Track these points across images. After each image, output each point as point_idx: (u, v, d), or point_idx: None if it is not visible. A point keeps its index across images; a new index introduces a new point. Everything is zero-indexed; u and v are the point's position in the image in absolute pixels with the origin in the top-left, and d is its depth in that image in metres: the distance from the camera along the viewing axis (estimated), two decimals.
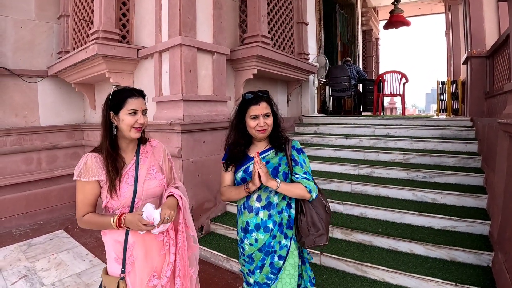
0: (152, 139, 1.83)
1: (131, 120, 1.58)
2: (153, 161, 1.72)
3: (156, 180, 1.69)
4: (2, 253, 3.85)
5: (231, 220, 3.89)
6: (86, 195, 1.57)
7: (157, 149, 1.79)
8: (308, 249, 1.98)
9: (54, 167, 5.23)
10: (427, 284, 2.52)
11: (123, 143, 1.67)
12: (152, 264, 1.65)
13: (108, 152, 1.59)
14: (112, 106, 1.59)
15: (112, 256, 1.65)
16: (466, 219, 2.99)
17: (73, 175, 1.59)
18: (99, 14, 3.94)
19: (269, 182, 1.67)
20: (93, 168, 1.56)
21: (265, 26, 4.81)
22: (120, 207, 1.59)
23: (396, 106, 15.90)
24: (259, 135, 1.80)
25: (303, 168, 1.80)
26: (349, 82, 7.63)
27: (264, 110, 1.77)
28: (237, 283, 3.05)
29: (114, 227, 1.52)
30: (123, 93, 1.61)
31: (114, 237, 1.62)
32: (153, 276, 1.64)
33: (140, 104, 1.62)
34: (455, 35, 9.30)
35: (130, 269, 1.61)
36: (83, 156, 1.61)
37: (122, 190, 1.58)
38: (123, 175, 1.61)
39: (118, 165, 1.60)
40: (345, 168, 4.44)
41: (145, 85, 4.20)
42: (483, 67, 4.79)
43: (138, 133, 1.63)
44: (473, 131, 4.61)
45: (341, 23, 9.83)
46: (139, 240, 1.61)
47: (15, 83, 4.82)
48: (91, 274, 3.30)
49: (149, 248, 1.64)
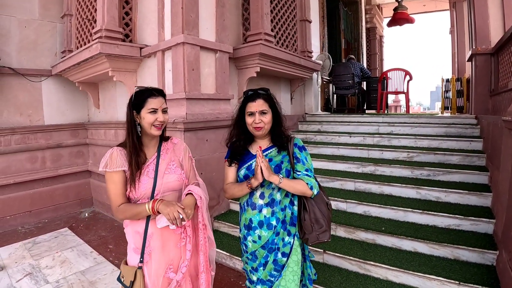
0: (174, 137, 1.94)
1: (151, 118, 1.67)
2: (173, 157, 1.82)
3: (175, 175, 1.78)
4: (7, 251, 3.89)
5: (234, 218, 3.89)
6: (117, 184, 1.67)
7: (178, 146, 1.89)
8: (311, 246, 1.98)
9: (59, 166, 5.26)
10: (431, 283, 2.50)
11: (145, 140, 1.77)
12: (169, 256, 1.72)
13: (131, 148, 1.69)
14: (134, 105, 1.70)
15: (131, 247, 1.74)
16: (470, 218, 2.97)
17: (99, 167, 1.69)
18: (102, 13, 3.95)
19: (271, 177, 1.68)
20: (118, 159, 1.67)
21: (268, 24, 4.80)
22: (141, 198, 1.69)
23: (400, 104, 15.84)
24: (256, 133, 1.82)
25: (304, 165, 1.81)
26: (352, 80, 7.60)
27: (260, 107, 1.77)
28: (240, 281, 3.06)
29: (149, 212, 1.60)
30: (144, 93, 1.71)
31: (135, 228, 1.72)
32: (169, 269, 1.72)
33: (160, 103, 1.70)
34: (459, 32, 9.21)
35: (148, 259, 1.69)
36: (109, 150, 1.72)
37: (142, 182, 1.68)
38: (144, 169, 1.71)
39: (140, 160, 1.70)
40: (349, 166, 4.43)
41: (148, 83, 4.21)
42: (488, 64, 4.74)
43: (158, 131, 1.72)
44: (478, 129, 4.58)
45: (345, 21, 9.78)
46: (157, 231, 1.69)
47: (20, 82, 4.85)
48: (95, 272, 3.32)
49: (166, 240, 1.71)
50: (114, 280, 3.14)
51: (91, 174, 5.63)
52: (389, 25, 11.22)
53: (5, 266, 3.46)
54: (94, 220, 4.97)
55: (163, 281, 1.69)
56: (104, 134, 5.11)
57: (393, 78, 7.77)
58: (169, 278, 1.70)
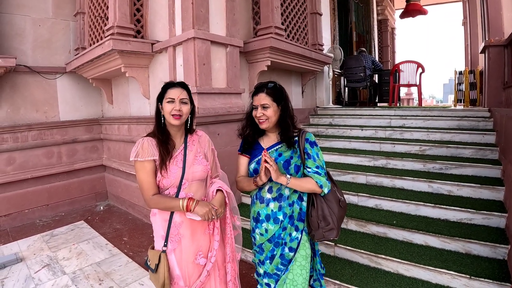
0: (199, 130, 2.02)
1: (169, 107, 1.74)
2: (199, 148, 1.88)
3: (201, 166, 1.84)
4: (26, 243, 4.01)
5: (246, 211, 3.92)
6: (148, 172, 1.73)
7: (203, 138, 1.96)
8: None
9: (74, 161, 5.37)
10: (441, 276, 2.50)
11: (172, 130, 1.84)
12: (198, 243, 1.81)
13: (159, 136, 1.77)
14: (158, 97, 1.81)
15: (160, 234, 1.80)
16: (482, 212, 2.95)
17: (130, 157, 1.75)
18: (113, 10, 4.00)
19: (280, 179, 1.69)
20: (149, 149, 1.73)
21: (278, 17, 4.79)
22: (170, 186, 1.75)
23: (413, 96, 15.62)
24: (260, 126, 1.83)
25: (315, 162, 1.78)
26: (364, 73, 7.53)
27: (261, 101, 1.77)
28: (251, 273, 3.10)
29: (182, 209, 1.67)
30: (166, 85, 1.81)
31: (164, 217, 1.78)
32: (198, 255, 1.80)
33: (178, 93, 1.76)
34: (472, 23, 9.01)
35: (176, 246, 1.76)
36: (139, 140, 1.78)
37: (172, 171, 1.74)
38: (173, 158, 1.77)
39: (169, 147, 1.78)
40: (360, 160, 4.42)
41: (160, 78, 4.26)
42: (501, 56, 4.65)
43: (176, 120, 1.75)
44: (491, 122, 4.50)
45: (356, 13, 9.65)
46: (186, 220, 1.76)
47: (35, 80, 4.96)
48: (110, 264, 3.41)
49: (195, 228, 1.79)
50: (128, 271, 3.23)
51: (105, 168, 5.74)
52: (401, 16, 11.06)
53: (24, 258, 3.58)
54: (109, 213, 5.07)
55: (193, 267, 1.77)
56: (117, 129, 5.19)
57: (405, 70, 7.67)
58: (199, 264, 1.78)
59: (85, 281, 3.08)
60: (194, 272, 1.78)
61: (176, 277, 1.76)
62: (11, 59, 4.23)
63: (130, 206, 4.99)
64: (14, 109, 4.78)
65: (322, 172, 1.78)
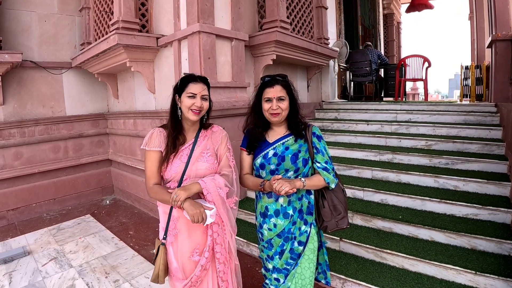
0: (215, 126, 1.94)
1: (189, 102, 1.71)
2: (209, 144, 1.83)
3: (207, 163, 1.78)
4: (34, 236, 4.06)
5: (251, 205, 3.94)
6: (153, 162, 1.75)
7: (216, 134, 1.89)
8: (330, 234, 1.99)
9: (80, 155, 5.41)
10: (447, 272, 2.50)
11: (186, 124, 1.82)
12: (195, 240, 1.77)
13: (170, 129, 1.77)
14: (177, 89, 1.78)
15: (161, 226, 1.83)
16: (488, 207, 2.94)
17: (142, 145, 1.79)
18: (118, 4, 4.00)
19: (296, 185, 1.65)
20: (157, 139, 1.76)
21: (284, 11, 4.75)
22: (171, 180, 1.75)
23: (418, 91, 15.51)
24: (272, 119, 1.79)
25: (324, 156, 1.80)
26: (370, 67, 7.48)
27: (278, 93, 1.75)
28: (256, 267, 3.12)
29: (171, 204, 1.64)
30: (187, 78, 1.77)
31: (164, 209, 1.80)
32: (195, 252, 1.76)
33: (199, 89, 1.73)
34: (479, 18, 8.89)
35: (173, 240, 1.77)
36: (152, 129, 1.81)
37: (174, 165, 1.73)
38: (179, 152, 1.76)
39: (177, 142, 1.76)
40: (366, 154, 4.41)
41: (166, 73, 4.27)
42: (508, 51, 4.60)
43: (195, 116, 1.73)
44: (497, 117, 4.47)
45: (362, 7, 9.57)
46: (183, 215, 1.71)
47: (41, 75, 4.99)
48: (116, 257, 3.44)
49: (192, 224, 1.70)
50: (134, 264, 3.26)
51: (111, 162, 5.77)
52: (407, 11, 10.92)
53: (31, 251, 3.62)
54: (115, 207, 5.11)
55: (189, 263, 1.75)
56: (123, 124, 5.21)
57: (411, 65, 7.60)
58: (195, 261, 1.76)
59: (91, 274, 3.11)
60: (190, 267, 1.76)
61: (174, 270, 1.77)
62: (17, 55, 4.25)
63: (136, 200, 5.03)
64: (21, 105, 4.82)
65: (330, 168, 1.80)
